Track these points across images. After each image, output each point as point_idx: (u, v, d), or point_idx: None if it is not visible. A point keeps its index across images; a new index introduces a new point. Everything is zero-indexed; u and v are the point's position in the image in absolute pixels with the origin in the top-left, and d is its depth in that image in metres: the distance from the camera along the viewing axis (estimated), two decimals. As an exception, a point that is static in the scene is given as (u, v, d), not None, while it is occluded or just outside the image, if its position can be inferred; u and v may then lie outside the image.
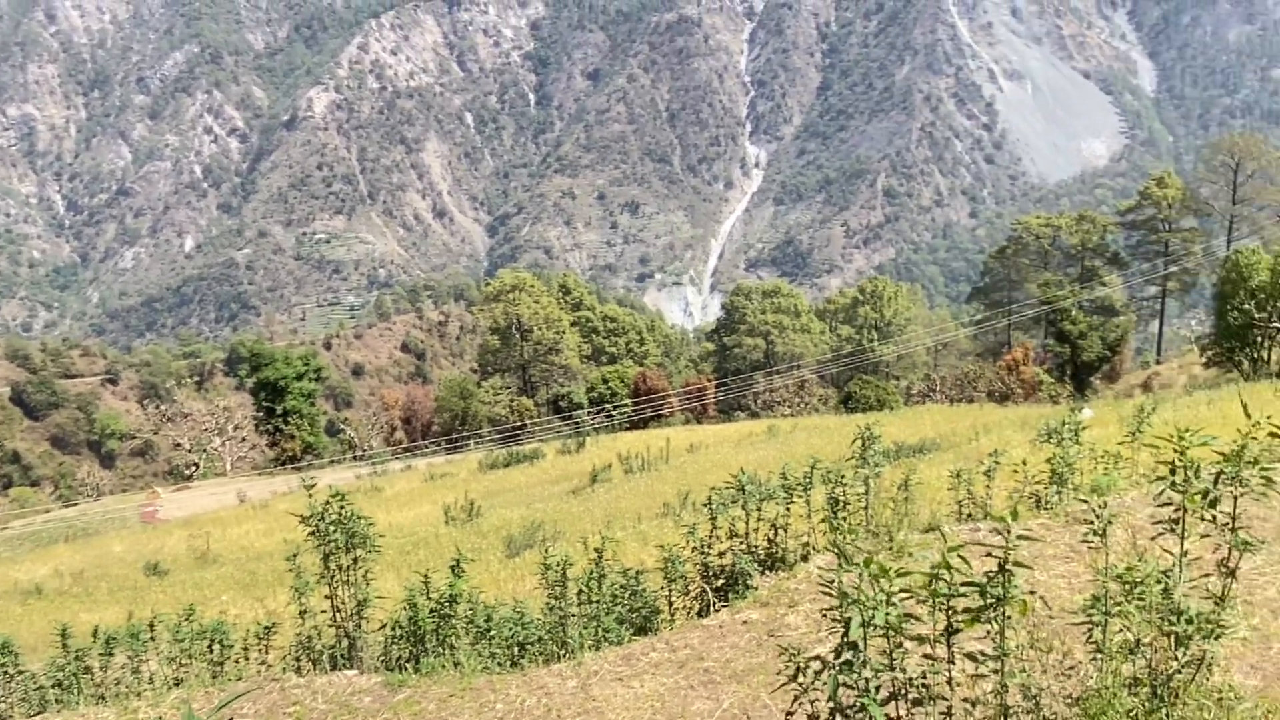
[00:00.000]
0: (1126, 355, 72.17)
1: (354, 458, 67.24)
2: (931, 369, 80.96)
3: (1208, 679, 3.65)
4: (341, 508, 6.06)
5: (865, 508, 6.77)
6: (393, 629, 5.99)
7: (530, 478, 37.49)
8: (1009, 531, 3.12)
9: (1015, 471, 7.52)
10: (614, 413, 61.07)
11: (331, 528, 5.96)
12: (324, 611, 6.17)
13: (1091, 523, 3.57)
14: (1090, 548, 3.58)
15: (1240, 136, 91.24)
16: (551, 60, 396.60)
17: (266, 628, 6.93)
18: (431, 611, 5.85)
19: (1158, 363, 72.04)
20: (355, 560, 6.06)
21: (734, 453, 36.45)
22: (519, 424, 68.87)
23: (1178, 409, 29.84)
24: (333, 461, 66.13)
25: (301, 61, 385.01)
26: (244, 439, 79.84)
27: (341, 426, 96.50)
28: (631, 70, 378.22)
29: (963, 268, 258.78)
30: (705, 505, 6.57)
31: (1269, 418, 3.86)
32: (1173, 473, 3.44)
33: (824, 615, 3.26)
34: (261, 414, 67.55)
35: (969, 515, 6.89)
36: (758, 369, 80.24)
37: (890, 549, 6.30)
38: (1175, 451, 3.51)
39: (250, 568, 22.78)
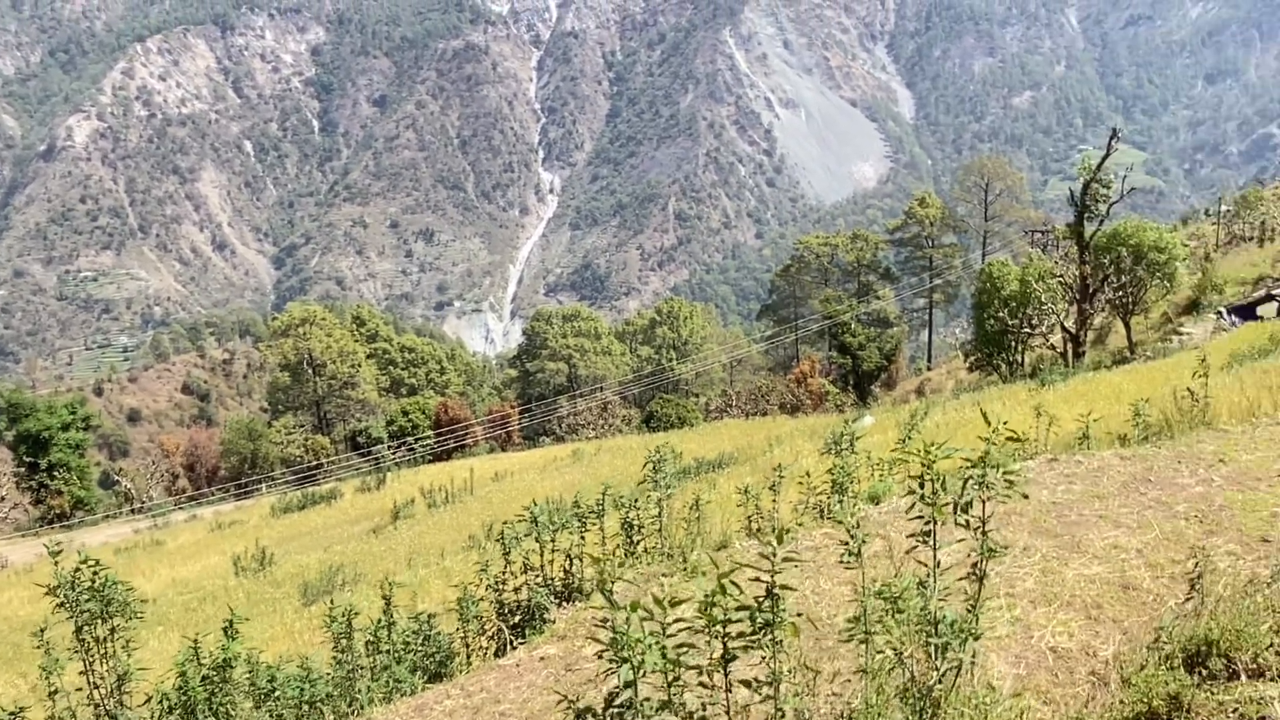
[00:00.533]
0: (902, 363, 77.25)
1: (132, 510, 62.16)
2: (728, 385, 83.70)
3: (969, 683, 3.87)
4: (95, 573, 5.52)
5: (659, 530, 6.85)
6: (160, 702, 5.50)
7: (328, 519, 35.97)
8: (774, 555, 3.20)
9: (801, 483, 7.83)
10: (416, 446, 59.55)
11: (83, 596, 5.41)
12: (79, 689, 5.59)
13: (847, 543, 3.72)
14: (846, 567, 3.73)
15: (988, 159, 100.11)
16: (335, 86, 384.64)
17: (12, 713, 6.20)
18: (204, 679, 5.41)
19: (929, 369, 77.46)
20: (113, 630, 5.53)
21: (539, 479, 36.29)
22: (315, 464, 65.89)
23: (946, 412, 32.11)
24: (108, 516, 60.89)
25: (59, 88, 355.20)
26: (3, 498, 72.26)
27: (117, 478, 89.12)
28: (420, 97, 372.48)
29: (752, 286, 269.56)
30: (499, 540, 6.46)
31: (1005, 423, 4.16)
32: (921, 485, 3.64)
33: (599, 656, 3.24)
34: (23, 470, 61.34)
35: (758, 530, 7.11)
36: (561, 393, 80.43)
37: (684, 569, 6.39)
38: (924, 465, 3.71)
39: (14, 640, 20.60)
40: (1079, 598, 5.65)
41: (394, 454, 53.90)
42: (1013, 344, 44.99)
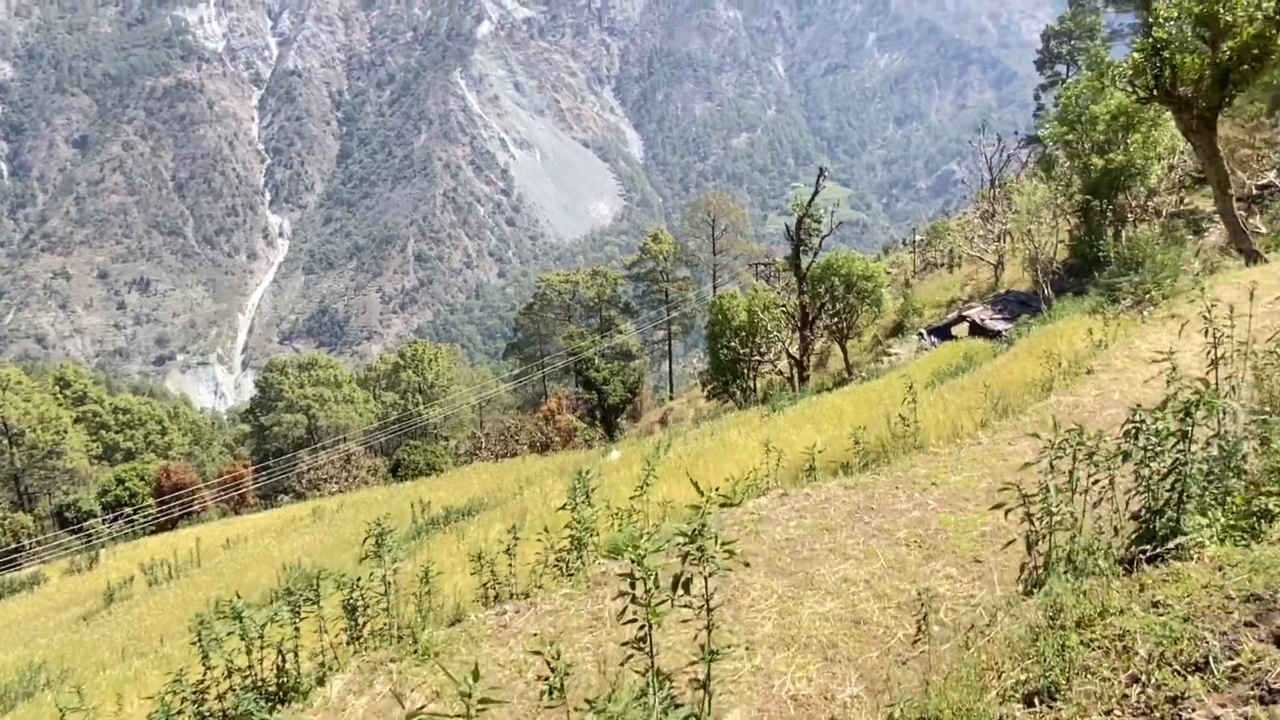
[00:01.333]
0: (645, 395, 79.27)
1: None
2: (478, 426, 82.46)
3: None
4: None
5: (387, 609, 6.26)
6: None
7: (31, 608, 31.89)
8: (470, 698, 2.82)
9: (540, 540, 7.49)
10: (135, 517, 54.12)
11: None
12: None
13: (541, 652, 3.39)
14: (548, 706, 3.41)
15: (713, 196, 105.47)
16: (27, 126, 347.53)
17: None
18: None
19: (671, 399, 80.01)
20: None
21: (276, 543, 33.93)
22: (14, 546, 58.28)
23: (687, 442, 33.01)
24: None
25: None
26: None
27: None
28: (127, 137, 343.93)
29: (498, 325, 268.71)
30: (195, 641, 5.65)
31: (716, 489, 4.00)
32: (632, 585, 3.40)
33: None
34: None
35: (495, 596, 6.69)
36: (301, 446, 75.99)
37: (415, 652, 5.86)
38: (633, 562, 3.48)
39: None
40: (815, 638, 5.66)
41: (109, 528, 48.69)
42: (745, 371, 47.22)
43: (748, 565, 5.57)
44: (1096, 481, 5.19)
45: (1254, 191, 32.03)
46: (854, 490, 9.55)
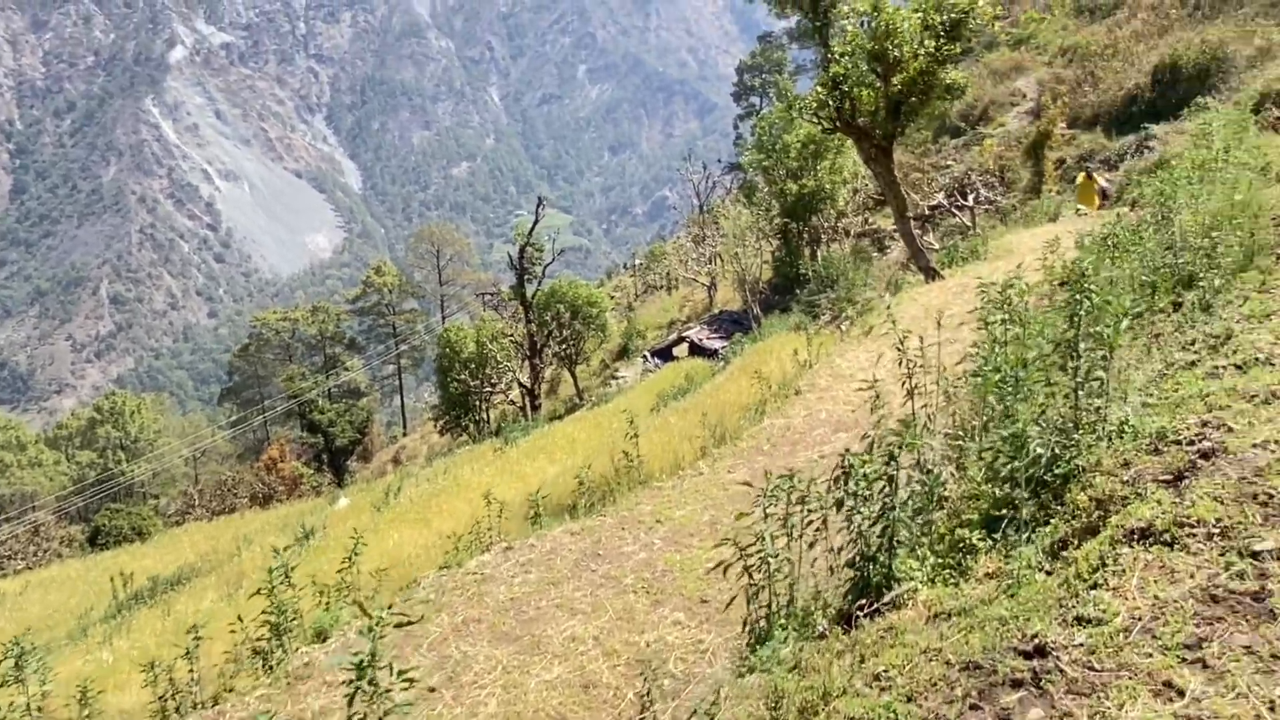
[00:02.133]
0: (377, 434, 76.32)
1: None
2: (192, 482, 75.90)
3: None
4: None
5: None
6: None
7: None
8: None
9: (233, 629, 6.66)
10: None
11: None
12: None
13: None
14: None
15: (437, 226, 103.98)
16: None
17: None
18: None
19: (405, 435, 77.54)
20: None
21: (-61, 643, 29.23)
22: None
23: (419, 483, 31.91)
24: None
25: None
26: None
27: None
28: None
29: (211, 369, 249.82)
30: None
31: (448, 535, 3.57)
32: None
33: None
34: None
35: (177, 709, 5.83)
36: (-26, 523, 66.53)
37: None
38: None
39: None
40: (543, 711, 5.32)
41: None
42: (477, 403, 46.49)
43: (433, 690, 5.13)
44: (811, 523, 5.22)
45: (926, 211, 35.49)
46: (580, 536, 9.35)
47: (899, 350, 6.31)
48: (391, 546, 17.67)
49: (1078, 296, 5.12)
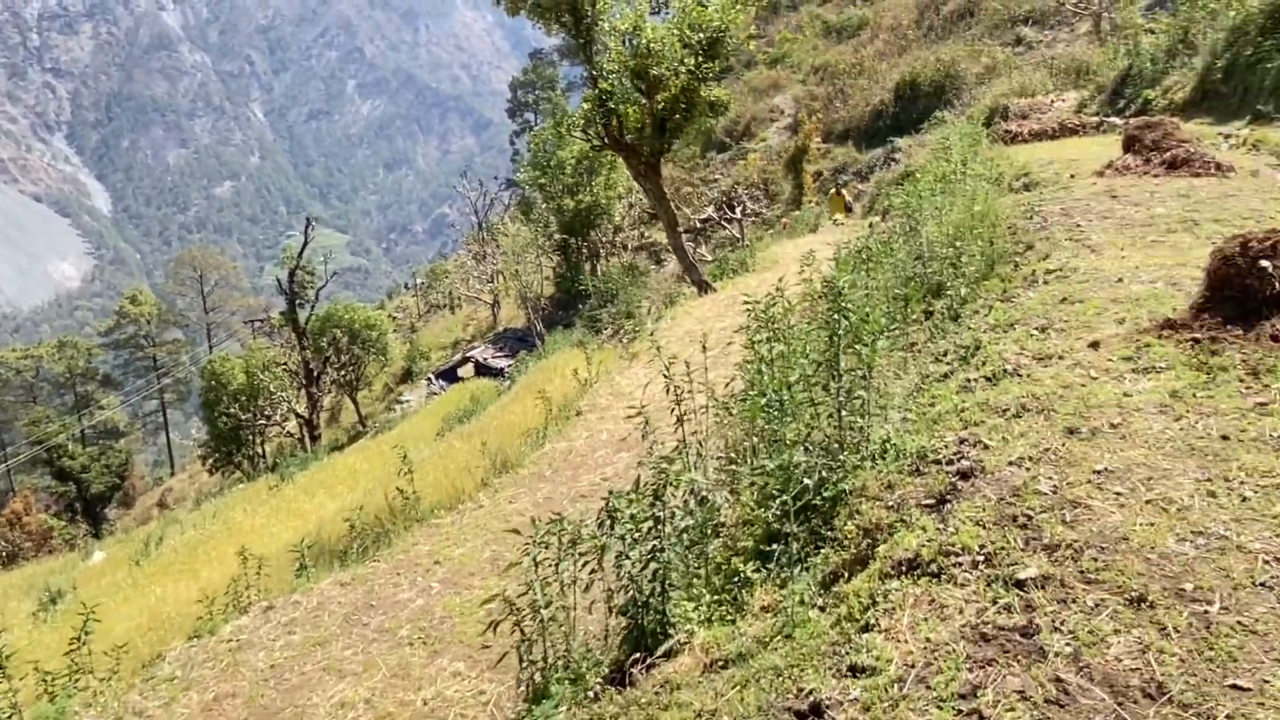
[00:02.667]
0: (138, 477, 70.37)
1: None
2: (-85, 547, 67.04)
3: None
4: None
5: None
6: None
7: None
8: None
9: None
10: None
11: None
12: None
13: None
14: None
15: (198, 250, 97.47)
16: None
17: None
18: None
19: (173, 475, 72.00)
20: None
21: None
22: None
23: (185, 530, 29.50)
24: None
25: None
26: None
27: None
28: None
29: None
30: None
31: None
32: None
33: None
34: None
35: None
36: None
37: None
38: None
39: None
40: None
41: None
42: (250, 438, 43.69)
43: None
44: (587, 564, 4.89)
45: (697, 224, 36.42)
46: (351, 586, 8.66)
47: (665, 377, 6.12)
48: (154, 603, 16.08)
49: (835, 315, 5.08)
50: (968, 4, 43.38)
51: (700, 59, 17.40)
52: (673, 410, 5.98)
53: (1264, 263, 4.83)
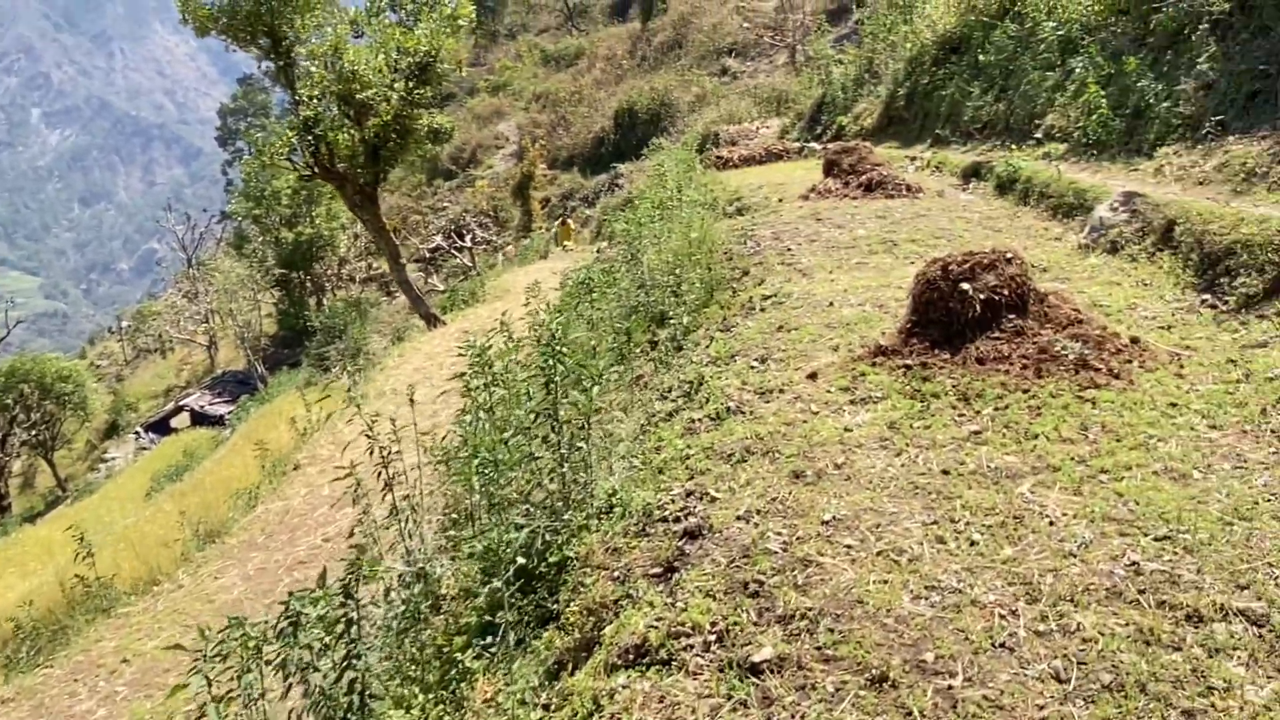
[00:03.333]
0: None
1: None
2: None
3: None
4: None
5: None
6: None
7: None
8: None
9: None
10: None
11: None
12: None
13: None
14: None
15: None
16: None
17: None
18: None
19: None
20: None
21: None
22: None
23: None
24: None
25: None
26: None
27: None
28: None
29: None
30: None
31: None
32: None
33: None
34: None
35: None
36: None
37: None
38: None
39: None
40: None
41: None
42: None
43: None
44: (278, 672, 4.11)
45: (427, 254, 35.45)
46: (14, 703, 7.25)
47: (369, 437, 5.45)
48: None
49: (550, 362, 4.65)
50: (676, 36, 45.23)
51: (411, 84, 16.66)
52: (379, 474, 5.32)
53: (964, 286, 4.89)
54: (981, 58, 14.39)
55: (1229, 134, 7.94)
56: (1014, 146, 11.82)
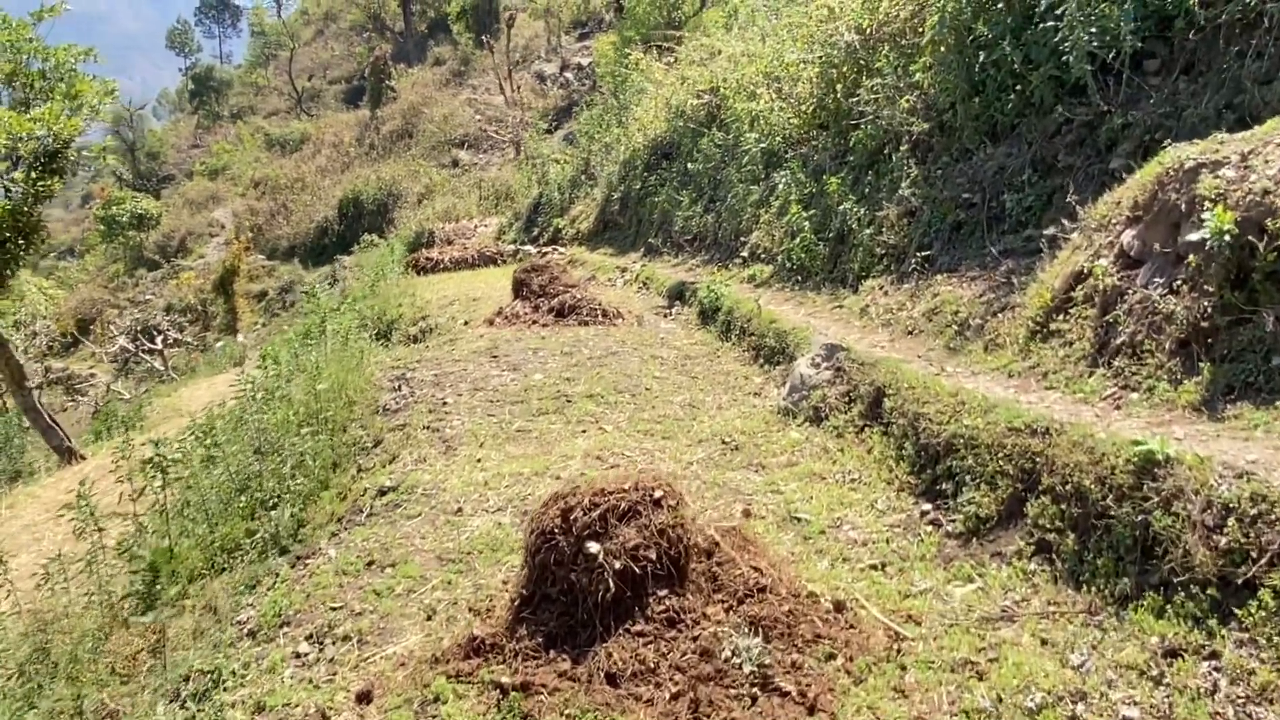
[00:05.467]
0: None
1: None
2: None
3: None
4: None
5: None
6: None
7: None
8: None
9: None
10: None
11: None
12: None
13: None
14: None
15: None
16: None
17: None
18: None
19: None
20: None
21: None
22: None
23: None
24: None
25: None
26: None
27: None
28: None
29: None
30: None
31: None
32: None
33: None
34: None
35: None
36: None
37: None
38: None
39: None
40: None
41: None
42: None
43: None
44: None
45: (106, 358, 31.07)
46: None
47: None
48: None
49: None
50: (406, 125, 43.42)
51: (38, 175, 13.78)
52: None
53: (592, 546, 3.26)
54: (690, 166, 13.52)
55: (936, 271, 7.02)
56: (721, 266, 10.81)
